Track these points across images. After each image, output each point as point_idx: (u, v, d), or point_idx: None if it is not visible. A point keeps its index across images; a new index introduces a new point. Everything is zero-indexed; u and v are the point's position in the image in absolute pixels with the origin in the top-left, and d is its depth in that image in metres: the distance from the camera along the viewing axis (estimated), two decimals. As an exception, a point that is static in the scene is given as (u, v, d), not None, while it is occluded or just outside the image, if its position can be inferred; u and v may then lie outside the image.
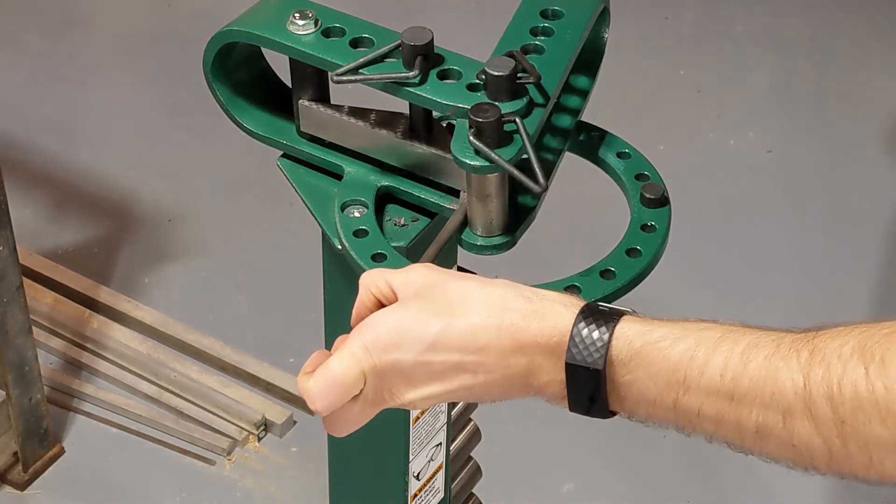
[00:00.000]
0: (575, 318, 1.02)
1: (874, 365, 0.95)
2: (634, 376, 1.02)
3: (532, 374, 1.04)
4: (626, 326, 1.03)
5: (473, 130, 1.24)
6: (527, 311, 1.02)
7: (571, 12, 1.38)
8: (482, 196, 1.30)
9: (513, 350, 1.03)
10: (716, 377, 1.00)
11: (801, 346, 1.00)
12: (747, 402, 1.00)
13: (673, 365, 1.01)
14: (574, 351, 1.01)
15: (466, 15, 3.61)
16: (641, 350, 1.02)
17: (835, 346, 0.98)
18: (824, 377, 0.97)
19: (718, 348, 1.02)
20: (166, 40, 3.54)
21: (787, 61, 3.53)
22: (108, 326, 2.78)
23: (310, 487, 2.54)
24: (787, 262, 3.01)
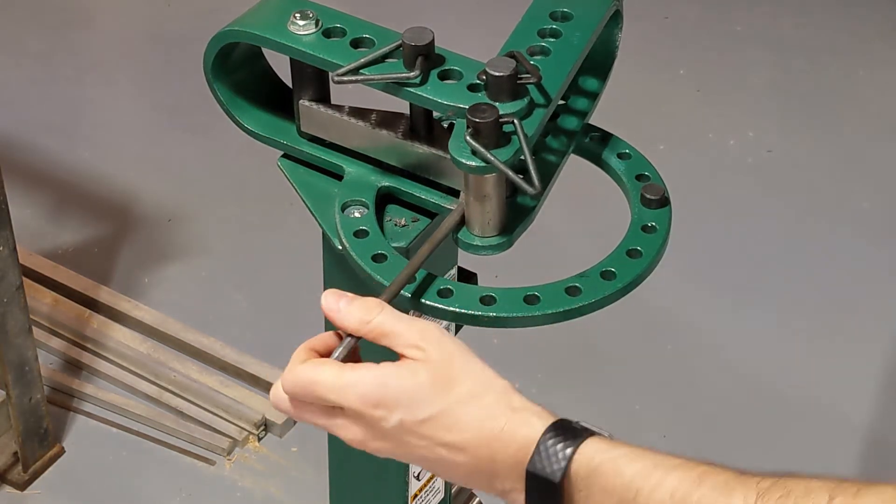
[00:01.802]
0: (545, 429, 1.04)
1: (843, 498, 0.94)
2: (590, 492, 1.04)
3: (496, 478, 1.07)
4: (590, 444, 1.04)
5: (471, 130, 1.24)
6: (507, 422, 1.06)
7: (581, 14, 1.38)
8: (479, 196, 1.30)
9: (485, 456, 1.06)
10: (665, 495, 1.01)
11: (766, 478, 0.99)
12: None
13: (627, 482, 1.02)
14: (536, 460, 1.04)
15: (467, 15, 3.61)
16: (600, 466, 1.04)
17: (803, 482, 0.97)
18: (780, 501, 0.96)
19: (675, 471, 1.02)
20: (166, 40, 3.54)
21: (787, 61, 3.53)
22: (108, 326, 2.78)
23: (310, 487, 2.54)
24: (788, 262, 3.01)
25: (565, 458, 1.03)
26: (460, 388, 1.07)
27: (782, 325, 2.88)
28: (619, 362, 2.80)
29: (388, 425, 1.07)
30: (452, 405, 1.06)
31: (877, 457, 2.63)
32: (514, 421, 1.06)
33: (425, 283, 1.29)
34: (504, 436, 1.05)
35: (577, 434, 1.05)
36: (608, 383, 2.76)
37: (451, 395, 1.07)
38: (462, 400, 1.06)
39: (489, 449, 1.06)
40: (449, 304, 1.28)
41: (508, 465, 1.06)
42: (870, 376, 2.77)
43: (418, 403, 1.06)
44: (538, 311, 1.27)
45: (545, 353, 2.76)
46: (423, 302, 1.28)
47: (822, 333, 2.85)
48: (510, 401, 1.07)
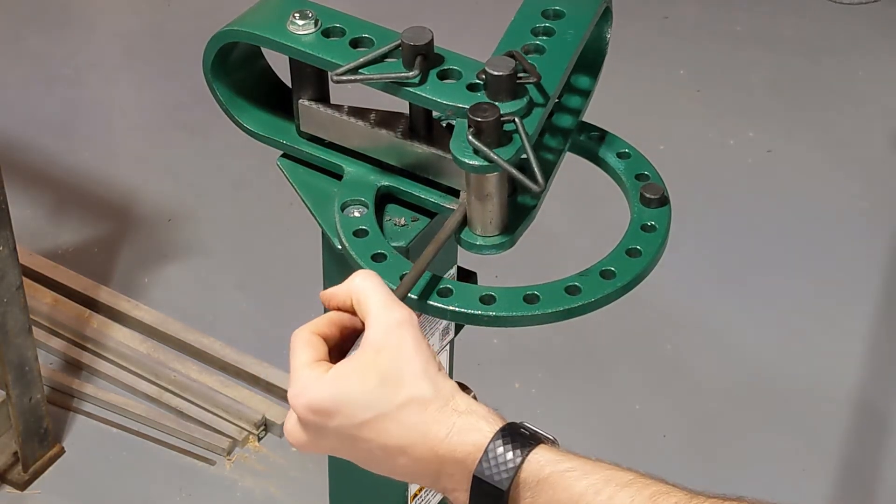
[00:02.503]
0: (493, 435, 1.04)
1: None
2: (536, 501, 1.03)
3: (441, 478, 1.06)
4: (540, 453, 1.03)
5: (472, 130, 1.24)
6: (453, 425, 1.04)
7: (573, 12, 1.38)
8: (481, 196, 1.30)
9: (431, 457, 1.05)
10: None
11: (715, 501, 0.99)
12: None
13: (576, 496, 1.02)
14: (484, 466, 1.03)
15: (466, 15, 3.61)
16: (549, 477, 1.03)
17: None
18: None
19: (627, 488, 1.01)
20: (166, 40, 3.54)
21: (787, 60, 3.53)
22: (108, 326, 2.78)
23: (310, 487, 2.54)
24: (788, 262, 3.01)
25: (514, 466, 1.02)
26: (405, 391, 1.05)
27: (782, 325, 2.88)
28: (619, 362, 2.80)
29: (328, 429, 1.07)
30: (395, 409, 1.05)
31: (877, 456, 2.63)
32: (460, 425, 1.04)
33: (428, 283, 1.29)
34: (451, 440, 1.04)
35: (525, 441, 1.04)
36: (608, 383, 2.76)
37: (395, 398, 1.05)
38: (405, 404, 1.05)
39: (433, 453, 1.05)
40: (449, 303, 1.28)
41: (454, 468, 1.05)
42: (870, 376, 2.77)
43: (360, 408, 1.05)
44: (538, 311, 1.27)
45: (545, 352, 2.76)
46: (423, 302, 1.28)
47: (822, 333, 2.85)
48: (456, 404, 1.05)
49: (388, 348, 1.05)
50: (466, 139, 1.24)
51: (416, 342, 1.06)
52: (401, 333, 1.06)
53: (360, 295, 1.08)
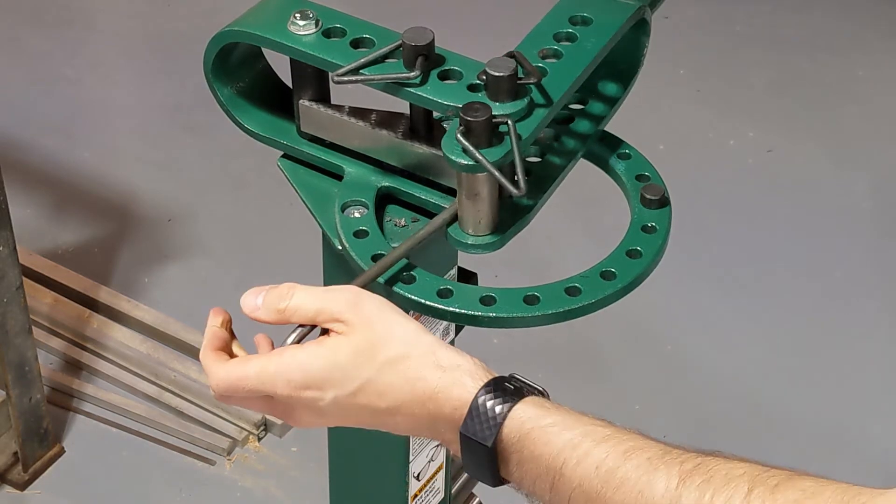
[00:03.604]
0: (478, 391, 1.06)
1: (762, 489, 0.94)
2: (521, 456, 1.05)
3: (437, 433, 1.10)
4: (522, 408, 1.06)
5: (462, 129, 1.24)
6: (439, 382, 1.07)
7: (601, 20, 1.38)
8: (471, 194, 1.29)
9: (423, 414, 1.08)
10: (591, 468, 1.02)
11: (690, 458, 1.00)
12: (615, 495, 1.00)
13: (555, 451, 1.04)
14: (469, 423, 1.06)
15: (466, 15, 3.61)
16: (531, 433, 1.05)
17: (726, 467, 0.98)
18: (701, 486, 0.97)
19: (603, 443, 1.03)
20: (166, 40, 3.54)
21: (787, 61, 3.53)
22: (108, 326, 2.78)
23: (310, 487, 2.54)
24: (788, 262, 3.01)
25: (496, 423, 1.05)
26: (384, 353, 1.08)
27: (782, 325, 2.88)
28: (619, 362, 2.80)
29: (323, 404, 1.09)
30: (379, 372, 1.08)
31: (875, 454, 2.63)
32: (445, 381, 1.07)
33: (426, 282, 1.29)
34: (438, 396, 1.07)
35: (509, 395, 1.06)
36: (608, 383, 2.76)
37: (375, 362, 1.08)
38: (388, 364, 1.08)
39: (424, 408, 1.08)
40: (449, 304, 1.28)
41: (444, 425, 1.08)
42: (870, 375, 2.77)
43: (346, 378, 1.08)
44: (538, 312, 1.27)
45: (545, 353, 2.76)
46: (423, 302, 1.28)
47: (823, 332, 2.85)
48: (438, 359, 1.08)
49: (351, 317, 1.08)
50: (455, 137, 1.24)
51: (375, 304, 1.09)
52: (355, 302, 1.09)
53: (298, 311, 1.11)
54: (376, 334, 1.08)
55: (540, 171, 1.39)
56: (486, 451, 1.05)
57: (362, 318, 1.09)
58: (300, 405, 1.11)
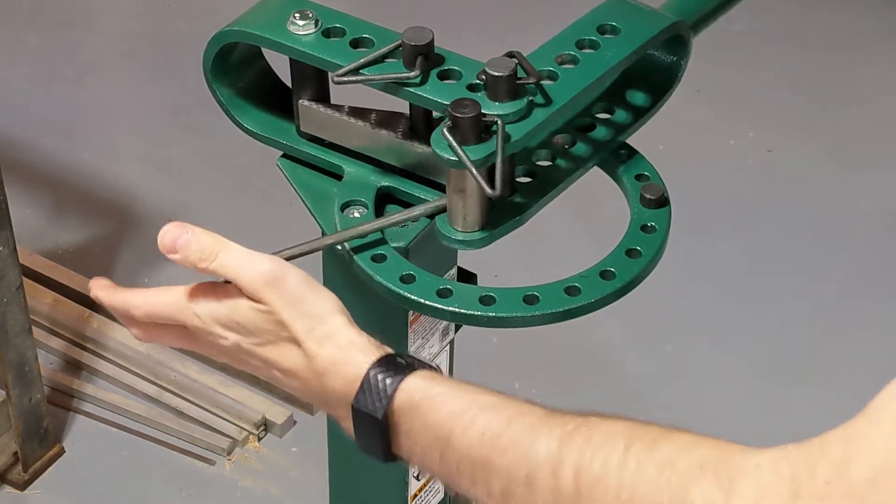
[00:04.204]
0: (369, 367, 1.09)
1: (639, 446, 0.96)
2: (410, 427, 1.07)
3: (328, 406, 1.13)
4: (412, 380, 1.08)
5: (449, 124, 1.24)
6: (332, 358, 1.11)
7: (629, 31, 1.37)
8: (457, 190, 1.30)
9: (316, 386, 1.12)
10: (477, 434, 1.03)
11: (570, 419, 1.01)
12: (500, 460, 1.02)
13: (442, 420, 1.05)
14: (361, 397, 1.08)
15: (466, 15, 3.61)
16: (420, 403, 1.07)
17: (605, 425, 0.99)
18: (580, 447, 0.98)
19: (489, 410, 1.05)
20: (166, 40, 3.54)
21: (788, 61, 3.53)
22: (108, 326, 2.78)
23: (310, 487, 2.54)
24: (787, 263, 3.01)
25: (386, 396, 1.07)
26: (292, 327, 1.11)
27: (782, 325, 2.88)
28: (619, 362, 2.80)
29: (226, 343, 1.15)
30: (283, 339, 1.12)
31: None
32: (338, 358, 1.10)
33: (425, 282, 1.29)
34: (330, 372, 1.10)
35: (400, 369, 1.08)
36: (608, 383, 2.76)
37: (282, 332, 1.12)
38: (293, 337, 1.11)
39: (319, 381, 1.11)
40: (448, 304, 1.28)
41: (337, 398, 1.11)
42: (871, 376, 2.77)
43: (252, 333, 1.13)
44: (538, 311, 1.27)
45: (545, 353, 2.76)
46: (422, 302, 1.28)
47: (823, 333, 2.85)
48: (336, 338, 1.11)
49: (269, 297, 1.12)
50: (441, 132, 1.24)
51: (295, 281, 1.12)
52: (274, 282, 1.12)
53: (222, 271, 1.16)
54: (288, 310, 1.12)
55: (546, 174, 1.39)
56: (377, 423, 1.08)
57: (279, 297, 1.12)
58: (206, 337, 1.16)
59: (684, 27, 1.43)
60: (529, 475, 1.00)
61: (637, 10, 1.40)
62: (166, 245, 1.21)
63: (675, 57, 1.46)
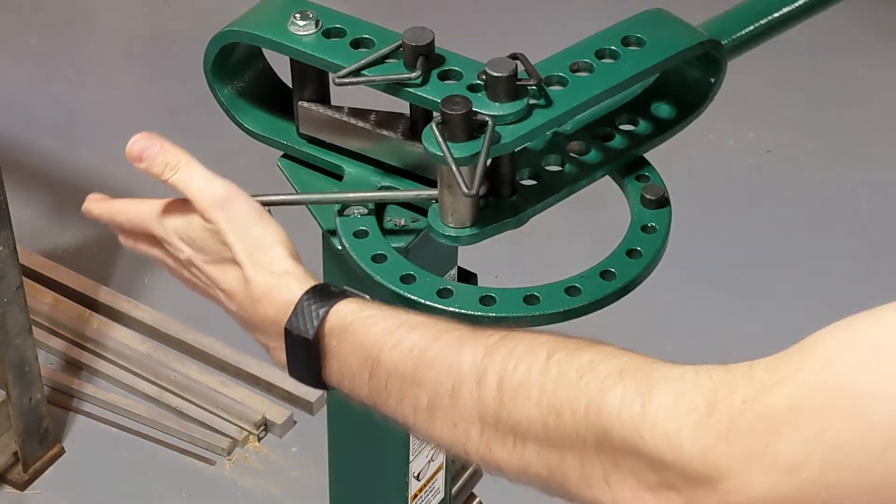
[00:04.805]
0: (304, 293, 1.13)
1: (561, 354, 0.98)
2: (341, 348, 1.10)
3: (260, 333, 1.18)
4: (344, 305, 1.12)
5: (439, 119, 1.24)
6: (267, 285, 1.15)
7: (655, 45, 1.36)
8: (445, 185, 1.30)
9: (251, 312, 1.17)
10: (405, 351, 1.06)
11: (496, 333, 1.03)
12: (427, 374, 1.04)
13: (372, 339, 1.08)
14: (293, 319, 1.12)
15: (466, 15, 3.61)
16: (351, 325, 1.10)
17: (530, 337, 1.01)
18: (504, 357, 1.00)
19: (417, 328, 1.07)
20: (166, 40, 3.54)
21: (788, 61, 3.53)
22: (108, 326, 2.78)
23: (310, 487, 2.54)
24: (787, 263, 3.01)
25: (318, 317, 1.10)
26: (234, 249, 1.17)
27: (782, 325, 2.87)
28: (618, 362, 2.80)
29: (182, 256, 1.21)
30: (225, 260, 1.18)
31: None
32: (273, 285, 1.15)
33: (425, 282, 1.29)
34: (265, 298, 1.15)
35: (332, 296, 1.12)
36: (608, 383, 2.76)
37: (226, 252, 1.17)
38: (232, 259, 1.17)
39: (252, 308, 1.16)
40: (448, 304, 1.28)
41: (269, 324, 1.15)
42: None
43: (202, 249, 1.19)
44: (538, 312, 1.27)
45: (545, 353, 2.76)
46: (423, 302, 1.28)
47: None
48: (273, 266, 1.16)
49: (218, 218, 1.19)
50: (430, 127, 1.24)
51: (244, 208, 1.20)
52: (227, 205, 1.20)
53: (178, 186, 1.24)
54: (233, 233, 1.18)
55: (551, 179, 1.39)
56: (308, 344, 1.11)
57: (225, 218, 1.18)
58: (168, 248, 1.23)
59: (716, 47, 1.41)
60: (455, 386, 1.02)
61: (671, 25, 1.39)
62: (133, 154, 1.29)
63: (707, 76, 1.45)
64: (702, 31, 1.41)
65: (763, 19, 1.50)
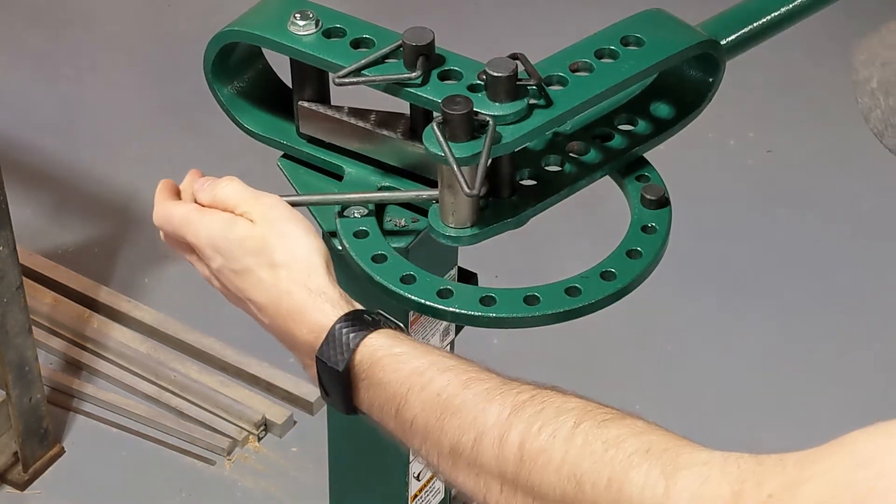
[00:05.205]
0: (337, 319, 1.12)
1: (589, 423, 0.98)
2: (371, 382, 1.10)
3: (295, 350, 1.17)
4: (375, 337, 1.11)
5: (440, 119, 1.24)
6: (302, 302, 1.14)
7: (654, 45, 1.36)
8: (447, 185, 1.30)
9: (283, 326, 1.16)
10: (433, 394, 1.06)
11: (526, 390, 1.03)
12: (452, 421, 1.04)
13: (403, 377, 1.08)
14: (325, 348, 1.12)
15: (466, 15, 3.61)
16: (382, 360, 1.10)
17: (559, 400, 1.01)
18: (531, 417, 1.00)
19: (447, 372, 1.07)
20: (166, 40, 3.54)
21: (787, 61, 3.53)
22: (108, 326, 2.78)
23: (310, 487, 2.54)
24: (787, 263, 3.01)
25: (349, 349, 1.10)
26: (270, 254, 1.16)
27: (782, 325, 2.88)
28: (619, 362, 2.80)
29: (215, 265, 1.21)
30: (259, 267, 1.16)
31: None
32: (308, 304, 1.14)
33: (425, 282, 1.29)
34: (298, 316, 1.15)
35: (365, 326, 1.11)
36: (608, 383, 2.76)
37: (259, 257, 1.16)
38: (268, 266, 1.16)
39: (286, 322, 1.15)
40: (448, 304, 1.28)
41: (302, 344, 1.15)
42: (870, 377, 2.77)
43: (233, 255, 1.18)
44: (538, 312, 1.27)
45: (545, 353, 2.76)
46: (423, 302, 1.28)
47: (822, 333, 2.85)
48: (309, 281, 1.15)
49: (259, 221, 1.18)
50: (431, 126, 1.24)
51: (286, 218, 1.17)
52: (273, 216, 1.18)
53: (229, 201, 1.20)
54: (272, 235, 1.16)
55: (551, 179, 1.39)
56: (338, 375, 1.10)
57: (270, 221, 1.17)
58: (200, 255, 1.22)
59: (714, 46, 1.42)
60: (478, 438, 1.02)
61: (669, 25, 1.39)
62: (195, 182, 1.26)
63: (705, 76, 1.45)
64: (700, 31, 1.41)
65: (761, 19, 1.50)
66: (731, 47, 1.47)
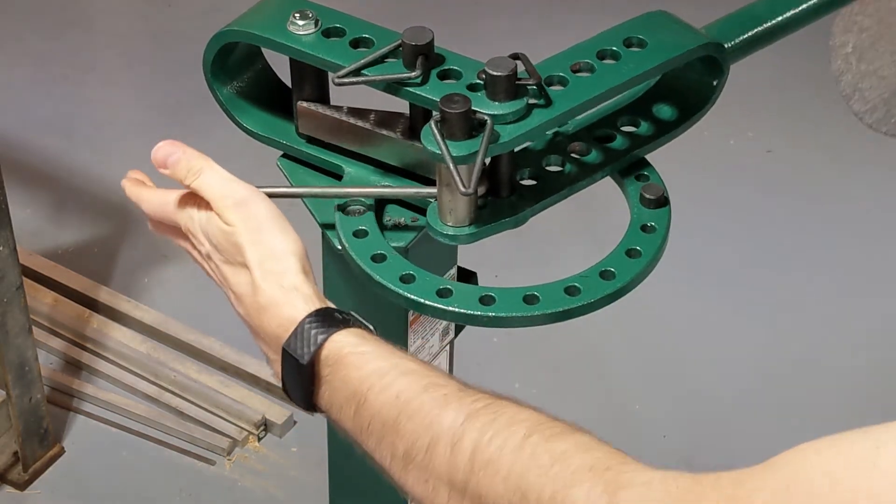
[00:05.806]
0: (307, 314, 1.13)
1: (538, 437, 0.98)
2: (333, 378, 1.11)
3: (265, 343, 1.18)
4: (343, 335, 1.12)
5: (438, 118, 1.24)
6: (273, 297, 1.16)
7: (656, 47, 1.35)
8: (445, 183, 1.30)
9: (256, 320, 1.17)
10: (391, 397, 1.06)
11: (482, 398, 1.04)
12: (407, 424, 1.04)
13: (363, 376, 1.09)
14: (292, 340, 1.13)
15: (466, 15, 3.61)
16: (347, 357, 1.10)
17: (513, 411, 1.02)
18: (483, 426, 1.00)
19: (408, 375, 1.07)
20: (166, 40, 3.54)
21: (788, 60, 3.53)
22: (108, 326, 2.78)
23: (310, 487, 2.54)
24: (787, 263, 3.01)
25: (316, 343, 1.11)
26: (248, 252, 1.17)
27: (781, 325, 2.88)
28: (619, 362, 2.80)
29: (202, 249, 1.23)
30: (238, 263, 1.18)
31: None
32: (279, 298, 1.15)
33: (425, 282, 1.29)
34: (270, 309, 1.15)
35: (335, 323, 1.12)
36: (608, 383, 2.76)
37: (239, 255, 1.18)
38: (244, 263, 1.17)
39: (258, 316, 1.17)
40: (448, 304, 1.28)
41: (271, 338, 1.15)
42: (871, 377, 2.77)
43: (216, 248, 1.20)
44: (537, 311, 1.27)
45: (545, 353, 2.76)
46: (422, 302, 1.28)
47: (822, 333, 2.85)
48: (283, 279, 1.16)
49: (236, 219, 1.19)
50: (429, 125, 1.24)
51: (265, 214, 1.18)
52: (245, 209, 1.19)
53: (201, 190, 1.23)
54: (247, 236, 1.18)
55: (551, 179, 1.39)
56: (302, 369, 1.11)
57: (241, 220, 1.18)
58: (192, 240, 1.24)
59: (718, 49, 1.41)
60: (431, 443, 1.02)
61: (673, 27, 1.39)
62: (158, 160, 1.30)
63: (709, 79, 1.44)
64: (704, 34, 1.41)
65: (766, 23, 1.49)
66: (735, 50, 1.46)
